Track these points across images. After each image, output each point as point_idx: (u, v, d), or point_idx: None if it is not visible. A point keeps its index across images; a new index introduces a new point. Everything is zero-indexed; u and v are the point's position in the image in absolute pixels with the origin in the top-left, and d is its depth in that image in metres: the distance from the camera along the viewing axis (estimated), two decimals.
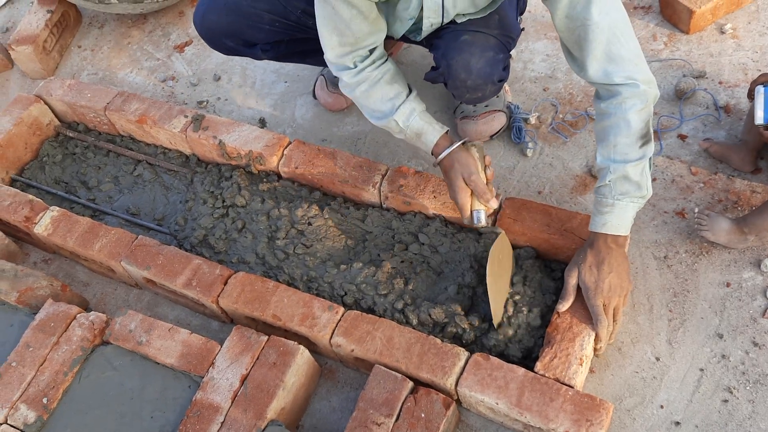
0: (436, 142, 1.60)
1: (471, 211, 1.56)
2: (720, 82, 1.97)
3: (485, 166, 1.59)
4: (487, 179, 1.59)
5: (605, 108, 1.46)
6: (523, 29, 1.89)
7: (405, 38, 1.77)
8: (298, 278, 1.75)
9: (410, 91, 1.63)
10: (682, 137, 1.89)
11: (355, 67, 1.58)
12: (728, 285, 1.64)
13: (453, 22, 1.62)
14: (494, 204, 1.55)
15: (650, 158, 1.48)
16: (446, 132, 1.62)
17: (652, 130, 1.46)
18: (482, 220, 1.55)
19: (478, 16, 1.60)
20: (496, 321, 1.55)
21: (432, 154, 1.62)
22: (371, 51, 1.58)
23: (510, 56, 1.77)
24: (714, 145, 1.81)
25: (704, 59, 2.03)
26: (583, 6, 1.38)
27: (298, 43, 1.92)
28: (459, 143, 1.58)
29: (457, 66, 1.65)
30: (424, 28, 1.62)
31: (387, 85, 1.59)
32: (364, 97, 1.61)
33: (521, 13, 1.84)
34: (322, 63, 1.83)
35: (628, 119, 1.42)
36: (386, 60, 1.62)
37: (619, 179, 1.46)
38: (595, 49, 1.40)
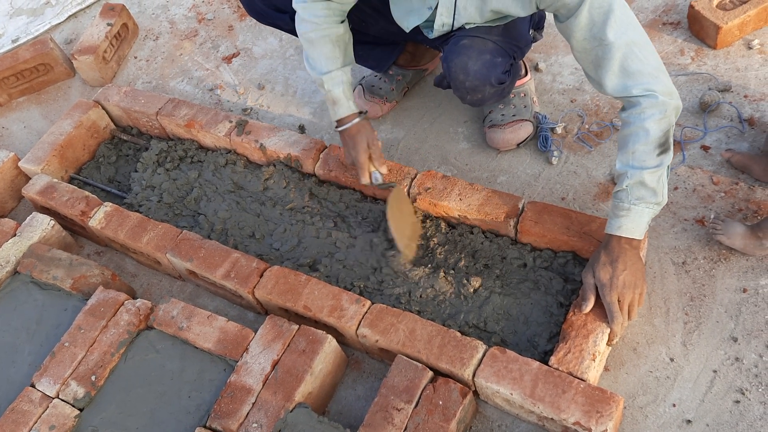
0: (346, 115, 1.83)
1: (370, 173, 1.85)
2: (745, 96, 2.01)
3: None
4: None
5: (626, 117, 1.54)
6: (535, 41, 1.99)
7: (420, 40, 1.87)
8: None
9: (348, 61, 1.83)
10: (705, 148, 1.94)
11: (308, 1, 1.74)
12: (745, 291, 1.68)
13: (462, 28, 1.73)
14: (385, 170, 1.86)
15: (668, 167, 1.54)
16: (357, 112, 1.84)
17: (671, 141, 1.53)
18: (379, 179, 1.87)
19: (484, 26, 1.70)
20: (400, 247, 1.81)
21: (337, 122, 1.85)
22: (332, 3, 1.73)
23: (513, 62, 1.86)
24: (736, 155, 1.85)
25: (730, 73, 2.07)
26: (599, 28, 1.47)
27: None
28: (363, 117, 1.83)
29: (455, 68, 1.78)
30: (435, 27, 1.74)
31: (331, 45, 1.78)
32: (309, 44, 1.79)
33: (537, 28, 1.96)
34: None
35: (646, 128, 1.50)
36: (341, 22, 1.78)
37: (636, 185, 1.53)
38: (612, 66, 1.49)
